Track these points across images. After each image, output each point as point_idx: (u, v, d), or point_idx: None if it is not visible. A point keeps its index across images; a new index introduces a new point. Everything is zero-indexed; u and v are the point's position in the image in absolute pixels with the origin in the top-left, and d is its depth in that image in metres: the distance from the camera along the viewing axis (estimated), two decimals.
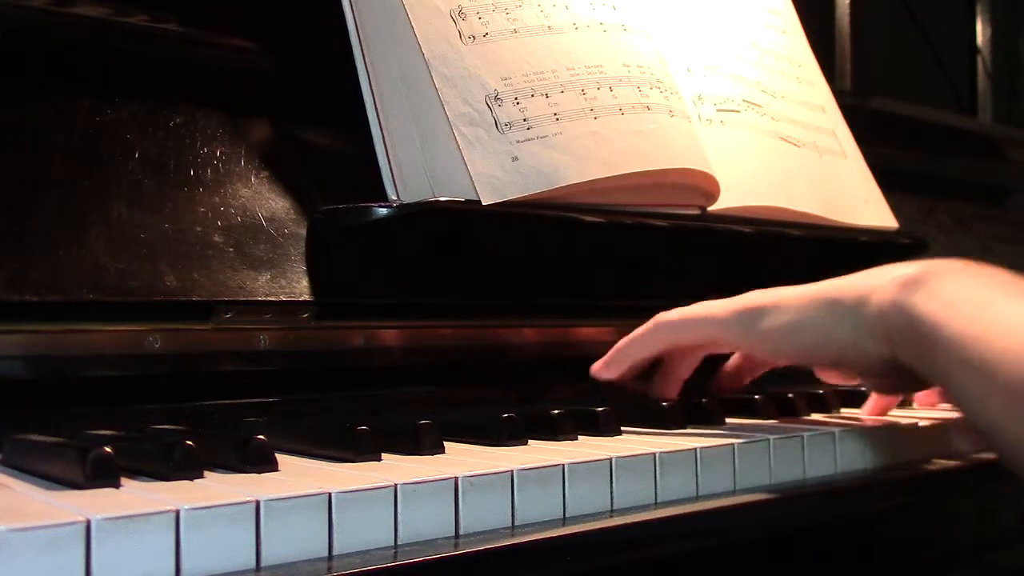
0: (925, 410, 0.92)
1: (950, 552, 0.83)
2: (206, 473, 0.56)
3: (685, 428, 0.79)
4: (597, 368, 0.87)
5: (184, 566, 0.47)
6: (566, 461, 0.61)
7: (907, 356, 0.69)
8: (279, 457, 0.60)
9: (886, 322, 0.70)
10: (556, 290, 0.95)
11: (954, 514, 0.83)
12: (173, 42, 0.86)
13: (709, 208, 0.98)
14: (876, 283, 0.71)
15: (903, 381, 0.75)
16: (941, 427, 0.84)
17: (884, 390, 0.85)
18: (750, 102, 1.08)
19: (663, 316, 0.83)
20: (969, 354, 0.63)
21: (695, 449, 0.67)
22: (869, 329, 0.71)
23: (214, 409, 0.80)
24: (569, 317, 0.98)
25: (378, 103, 0.85)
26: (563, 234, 0.90)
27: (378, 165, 0.84)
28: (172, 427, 0.76)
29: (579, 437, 0.73)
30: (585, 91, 0.89)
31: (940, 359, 0.66)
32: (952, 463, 0.83)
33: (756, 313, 0.78)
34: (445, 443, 0.67)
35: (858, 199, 1.15)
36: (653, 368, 0.89)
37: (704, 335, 0.82)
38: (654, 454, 0.65)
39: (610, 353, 0.85)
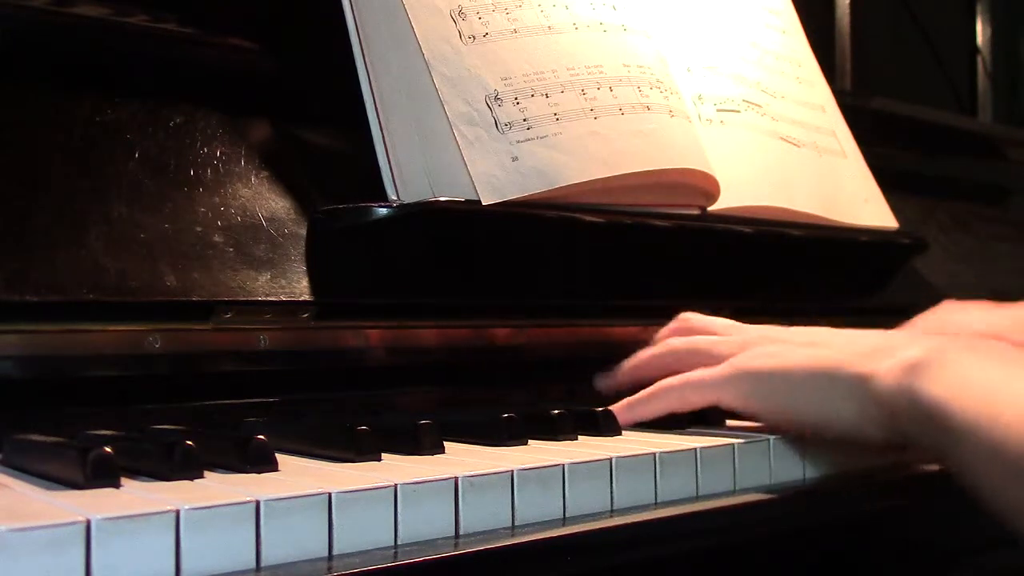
0: None
1: (951, 552, 0.83)
2: (206, 473, 0.56)
3: (685, 428, 0.79)
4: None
5: (184, 566, 0.47)
6: (566, 461, 0.61)
7: (919, 439, 0.67)
8: (279, 457, 0.60)
9: (892, 407, 0.67)
10: (556, 290, 0.95)
11: (955, 514, 0.83)
12: (173, 42, 0.86)
13: (709, 208, 0.98)
14: (879, 366, 0.68)
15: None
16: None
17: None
18: (750, 102, 1.08)
19: (665, 383, 0.79)
20: (983, 440, 0.60)
21: (695, 449, 0.67)
22: (873, 416, 0.69)
23: (214, 409, 0.80)
24: (569, 317, 0.98)
25: (378, 103, 0.85)
26: (563, 234, 0.90)
27: (378, 165, 0.84)
28: (172, 427, 0.76)
29: (579, 437, 0.73)
30: (585, 91, 0.89)
31: (952, 445, 0.63)
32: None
33: (755, 379, 0.75)
34: (445, 443, 0.67)
35: (858, 199, 1.15)
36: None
37: (705, 402, 0.79)
38: (654, 454, 0.65)
39: (617, 409, 0.80)
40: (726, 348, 0.80)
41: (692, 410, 0.80)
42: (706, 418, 0.82)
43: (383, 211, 0.82)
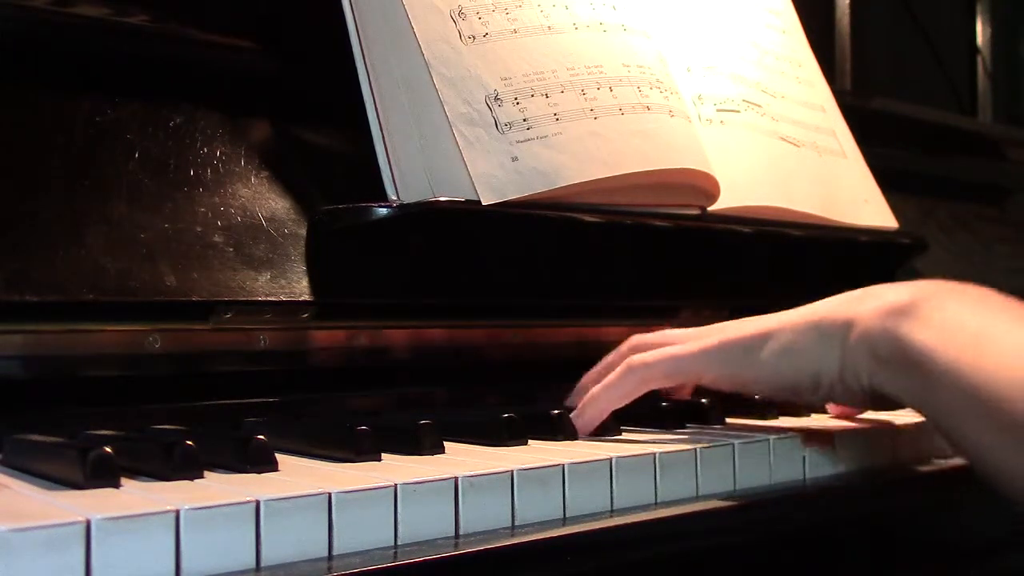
0: None
1: (955, 551, 0.83)
2: (206, 473, 0.56)
3: (685, 428, 0.79)
4: (575, 426, 0.76)
5: (184, 566, 0.47)
6: (566, 461, 0.61)
7: (895, 387, 0.66)
8: (279, 457, 0.60)
9: (874, 351, 0.66)
10: (556, 290, 0.95)
11: (956, 514, 0.83)
12: (173, 42, 0.86)
13: (709, 208, 0.98)
14: (863, 309, 0.67)
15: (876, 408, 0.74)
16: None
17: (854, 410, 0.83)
18: (750, 102, 1.08)
19: (637, 358, 0.76)
20: (965, 384, 0.61)
21: (695, 449, 0.67)
22: (856, 361, 0.67)
23: (214, 409, 0.80)
24: (569, 317, 0.98)
25: (378, 103, 0.85)
26: (563, 234, 0.90)
27: (378, 165, 0.84)
28: (172, 427, 0.76)
29: (579, 437, 0.73)
30: (585, 91, 0.89)
31: (933, 389, 0.63)
32: (952, 463, 0.83)
33: (744, 346, 0.73)
34: (445, 443, 0.67)
35: (858, 199, 1.15)
36: None
37: (684, 375, 0.77)
38: (654, 454, 0.65)
39: (584, 401, 0.77)
40: (696, 333, 0.77)
41: (668, 388, 0.78)
42: (706, 417, 0.82)
43: (383, 211, 0.82)
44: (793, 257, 1.08)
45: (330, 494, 0.52)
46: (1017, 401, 0.59)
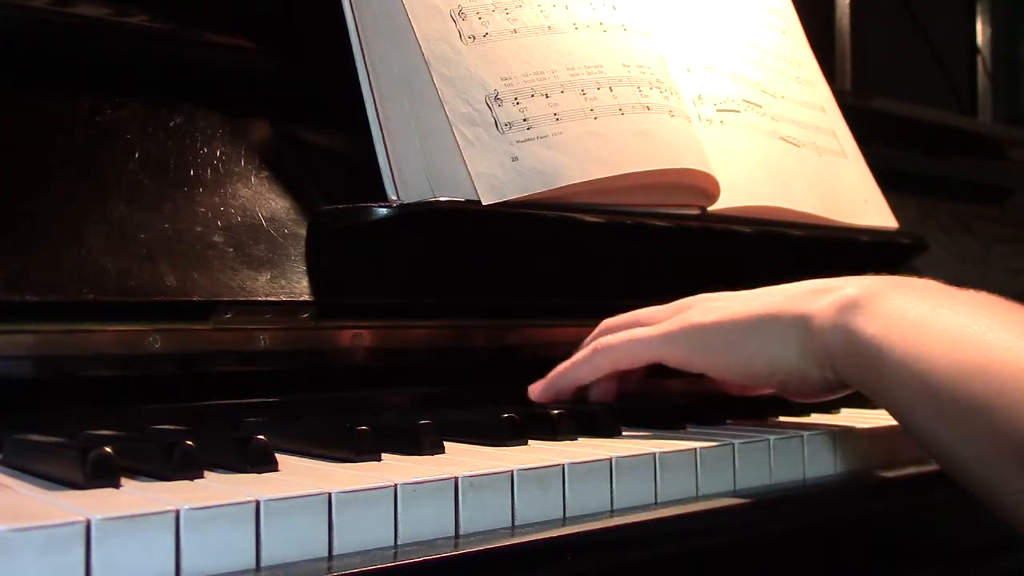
0: None
1: (957, 552, 0.83)
2: (206, 473, 0.56)
3: (685, 428, 0.79)
4: (535, 391, 0.83)
5: (184, 566, 0.47)
6: (566, 461, 0.61)
7: (853, 379, 0.69)
8: (279, 457, 0.60)
9: (828, 347, 0.69)
10: (556, 290, 0.95)
11: (957, 514, 0.83)
12: (173, 42, 0.86)
13: (709, 208, 0.98)
14: (816, 306, 0.70)
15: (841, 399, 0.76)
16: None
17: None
18: (750, 102, 1.08)
19: (603, 340, 0.79)
20: (911, 373, 0.63)
21: (695, 449, 0.67)
22: (813, 355, 0.70)
23: (214, 409, 0.80)
24: (569, 317, 0.98)
25: (378, 103, 0.85)
26: (563, 234, 0.90)
27: (378, 165, 0.84)
28: (172, 427, 0.76)
29: (579, 437, 0.73)
30: (585, 91, 0.89)
31: (885, 380, 0.65)
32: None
33: (699, 333, 0.76)
34: (445, 443, 0.67)
35: (858, 199, 1.15)
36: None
37: (648, 358, 0.79)
38: (654, 454, 0.65)
39: (550, 376, 0.82)
40: (664, 313, 0.80)
41: (634, 369, 0.80)
42: (706, 417, 0.82)
43: (383, 211, 0.82)
44: (793, 257, 1.08)
45: (330, 494, 0.52)
46: (958, 384, 0.60)
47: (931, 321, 0.64)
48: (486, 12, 0.89)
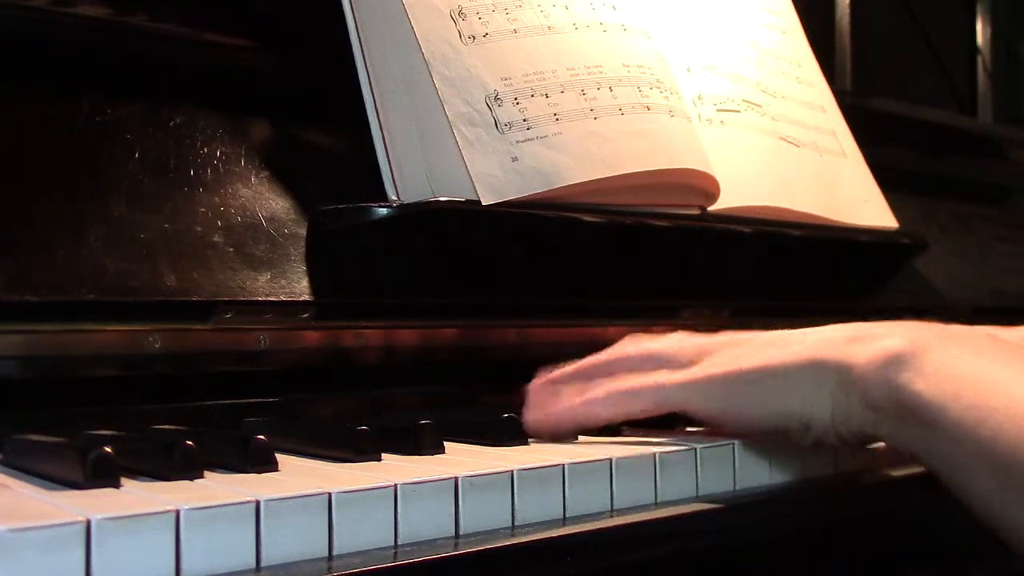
0: None
1: (959, 552, 0.83)
2: (206, 473, 0.56)
3: (685, 428, 0.79)
4: (532, 424, 0.73)
5: (184, 566, 0.47)
6: (566, 461, 0.61)
7: (898, 438, 0.63)
8: (279, 457, 0.60)
9: (872, 401, 0.63)
10: (556, 290, 0.95)
11: (959, 514, 0.83)
12: (173, 42, 0.86)
13: (709, 208, 0.98)
14: (858, 354, 0.64)
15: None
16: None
17: None
18: (750, 102, 1.08)
19: (621, 386, 0.71)
20: (971, 439, 0.58)
21: (695, 449, 0.67)
22: (849, 409, 0.64)
23: (214, 409, 0.80)
24: (569, 317, 0.98)
25: (378, 103, 0.85)
26: (563, 234, 0.90)
27: (378, 165, 0.84)
28: (172, 427, 0.76)
29: (579, 437, 0.73)
30: (585, 91, 0.89)
31: (937, 444, 0.60)
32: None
33: (726, 384, 0.68)
34: (445, 443, 0.67)
35: (858, 199, 1.15)
36: None
37: (668, 408, 0.71)
38: (654, 454, 0.65)
39: (558, 411, 0.73)
40: (685, 355, 0.71)
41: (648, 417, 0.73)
42: None
43: (383, 211, 0.82)
44: (793, 257, 1.08)
45: (330, 494, 0.52)
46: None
47: (992, 382, 0.59)
48: (486, 12, 0.89)
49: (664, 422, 0.77)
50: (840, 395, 0.64)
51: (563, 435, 0.72)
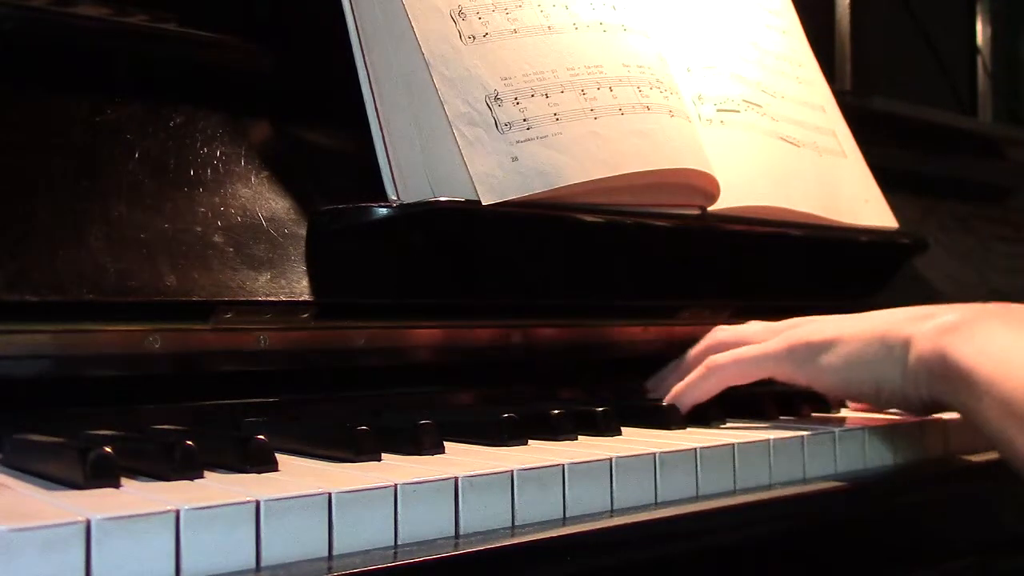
0: None
1: (957, 552, 0.83)
2: (206, 473, 0.56)
3: (685, 428, 0.79)
4: (673, 397, 0.85)
5: (184, 566, 0.47)
6: (566, 461, 0.61)
7: (948, 398, 0.74)
8: (279, 457, 0.60)
9: (927, 367, 0.74)
10: (556, 290, 0.95)
11: (958, 514, 0.83)
12: (173, 42, 0.86)
13: (709, 208, 0.98)
14: (920, 328, 0.75)
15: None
16: (941, 426, 0.84)
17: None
18: (750, 102, 1.08)
19: (715, 360, 0.84)
20: (998, 395, 0.68)
21: (695, 449, 0.67)
22: (914, 374, 0.75)
23: (214, 409, 0.80)
24: (569, 317, 0.98)
25: (378, 103, 0.85)
26: (563, 234, 0.90)
27: (378, 165, 0.84)
28: (172, 427, 0.76)
29: (579, 437, 0.73)
30: (585, 91, 0.89)
31: (975, 401, 0.70)
32: (953, 463, 0.83)
33: (811, 350, 0.81)
34: (445, 443, 0.67)
35: (858, 199, 1.15)
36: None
37: (757, 375, 0.84)
38: (654, 454, 0.65)
39: (669, 397, 0.85)
40: (767, 333, 0.86)
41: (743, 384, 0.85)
42: (705, 417, 0.82)
43: (383, 211, 0.82)
44: (793, 257, 1.08)
45: (330, 494, 0.52)
46: None
47: (1017, 347, 0.70)
48: (486, 12, 0.89)
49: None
50: (908, 363, 0.76)
51: (696, 400, 0.84)
